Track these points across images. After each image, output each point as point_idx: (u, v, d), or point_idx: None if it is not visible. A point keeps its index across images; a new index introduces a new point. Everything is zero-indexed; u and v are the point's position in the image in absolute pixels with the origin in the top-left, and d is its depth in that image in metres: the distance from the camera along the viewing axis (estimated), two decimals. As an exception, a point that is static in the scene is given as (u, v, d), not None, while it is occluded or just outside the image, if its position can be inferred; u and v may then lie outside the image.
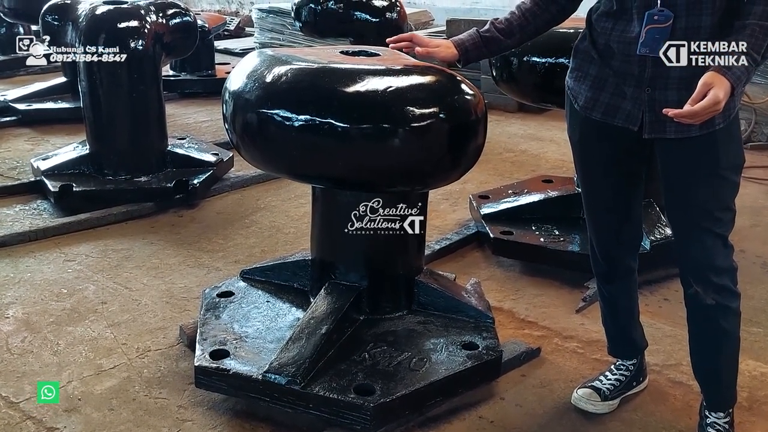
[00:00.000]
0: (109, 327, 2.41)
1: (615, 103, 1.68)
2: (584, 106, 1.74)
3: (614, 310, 2.04)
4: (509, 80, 2.87)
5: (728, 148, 1.64)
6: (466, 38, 1.84)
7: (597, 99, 1.71)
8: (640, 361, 2.09)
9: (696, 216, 1.68)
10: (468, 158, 1.98)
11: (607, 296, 2.02)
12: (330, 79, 1.78)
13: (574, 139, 1.85)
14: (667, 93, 1.60)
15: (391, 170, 1.89)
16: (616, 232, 1.91)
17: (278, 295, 2.35)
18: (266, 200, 3.58)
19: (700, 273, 1.71)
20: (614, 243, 1.93)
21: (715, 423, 1.83)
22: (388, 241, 2.16)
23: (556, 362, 2.28)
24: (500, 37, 1.82)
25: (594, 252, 1.98)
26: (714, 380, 1.83)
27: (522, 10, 1.81)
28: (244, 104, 1.88)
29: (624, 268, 1.97)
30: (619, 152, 1.77)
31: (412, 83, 1.85)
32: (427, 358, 2.03)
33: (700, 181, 1.65)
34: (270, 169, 2.04)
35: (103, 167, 3.49)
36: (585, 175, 1.89)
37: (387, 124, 1.81)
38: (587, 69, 1.73)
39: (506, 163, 4.16)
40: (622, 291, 2.00)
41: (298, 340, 2.00)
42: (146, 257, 2.94)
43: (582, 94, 1.75)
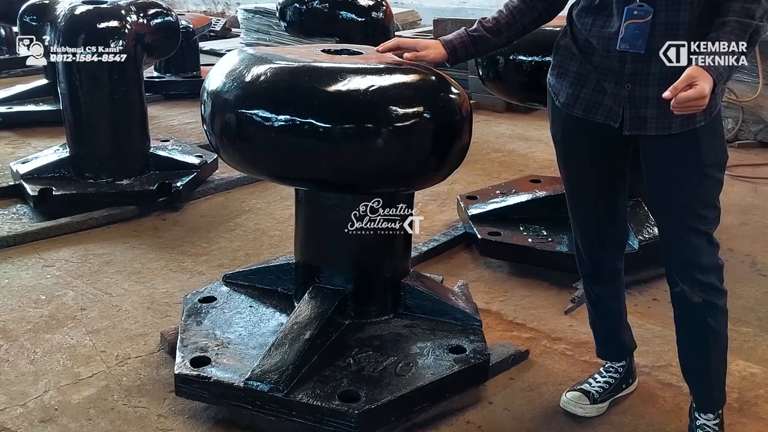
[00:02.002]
0: (88, 334, 2.36)
1: (596, 99, 1.66)
2: (565, 102, 1.72)
3: (602, 311, 2.01)
4: (496, 79, 2.84)
5: (711, 146, 1.62)
6: (454, 38, 1.81)
7: (578, 95, 1.69)
8: (629, 363, 2.06)
9: (681, 214, 1.66)
10: (453, 158, 1.94)
11: (594, 297, 1.99)
12: (310, 78, 1.74)
13: (557, 137, 1.83)
14: (648, 89, 1.58)
15: (374, 171, 1.85)
16: (600, 232, 1.88)
17: (262, 300, 2.30)
18: (251, 203, 3.53)
19: (686, 271, 1.69)
20: (599, 244, 1.90)
21: (705, 425, 1.80)
22: (373, 244, 2.13)
23: (544, 365, 2.25)
24: (488, 36, 1.79)
25: (579, 253, 1.95)
26: (703, 380, 1.81)
27: (509, 8, 1.79)
28: (222, 104, 1.83)
29: (610, 269, 1.94)
30: (602, 150, 1.75)
31: (395, 82, 1.81)
32: (413, 362, 1.99)
33: (684, 179, 1.64)
34: (250, 171, 2.00)
35: (84, 170, 3.43)
36: (568, 174, 1.86)
37: (370, 124, 1.77)
38: (568, 65, 1.71)
39: (494, 163, 4.13)
40: (609, 292, 1.97)
41: (281, 346, 1.95)
42: (128, 262, 2.88)
43: (563, 90, 1.72)
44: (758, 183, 3.73)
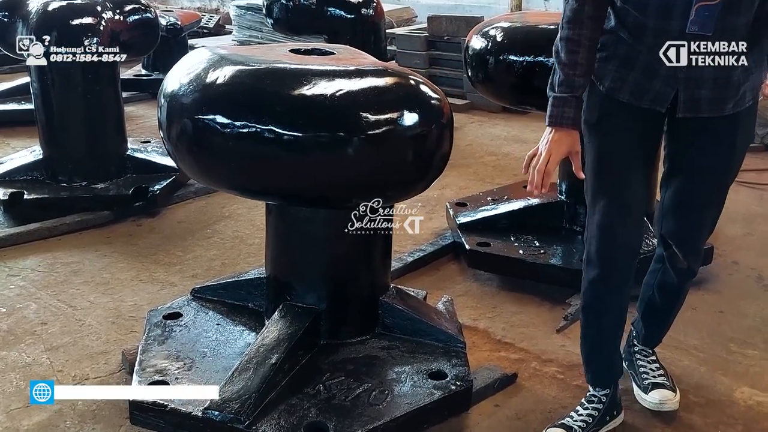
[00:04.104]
0: (46, 351, 2.21)
1: (644, 82, 1.60)
2: (611, 87, 1.64)
3: (599, 323, 1.85)
4: (485, 81, 2.68)
5: (748, 128, 1.69)
6: (577, 115, 1.62)
7: (625, 79, 1.62)
8: (614, 391, 1.90)
9: (710, 193, 1.73)
10: (432, 169, 1.78)
11: (593, 308, 1.84)
12: (272, 80, 1.59)
13: (590, 121, 1.69)
14: (704, 70, 1.54)
15: (343, 184, 1.70)
16: (624, 225, 1.73)
17: (231, 317, 2.15)
18: (231, 208, 3.38)
19: (688, 242, 1.80)
20: (623, 241, 1.74)
21: (643, 350, 2.04)
22: (349, 258, 1.98)
23: (533, 390, 2.09)
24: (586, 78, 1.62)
25: (591, 251, 1.77)
26: (660, 327, 2.01)
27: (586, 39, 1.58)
28: (179, 108, 1.67)
29: (623, 275, 1.78)
30: (642, 136, 1.70)
31: (367, 86, 1.66)
32: (389, 389, 1.84)
33: (720, 160, 1.68)
34: (209, 182, 1.85)
35: (57, 173, 3.29)
36: (598, 160, 1.71)
37: (339, 132, 1.61)
38: (614, 49, 1.62)
39: (488, 167, 3.96)
40: (613, 303, 1.82)
41: (244, 371, 1.80)
42: (97, 271, 2.73)
43: (608, 74, 1.64)
44: (764, 189, 3.56)
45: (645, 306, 1.99)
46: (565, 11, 1.59)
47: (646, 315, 2.00)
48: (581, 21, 1.56)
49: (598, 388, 1.89)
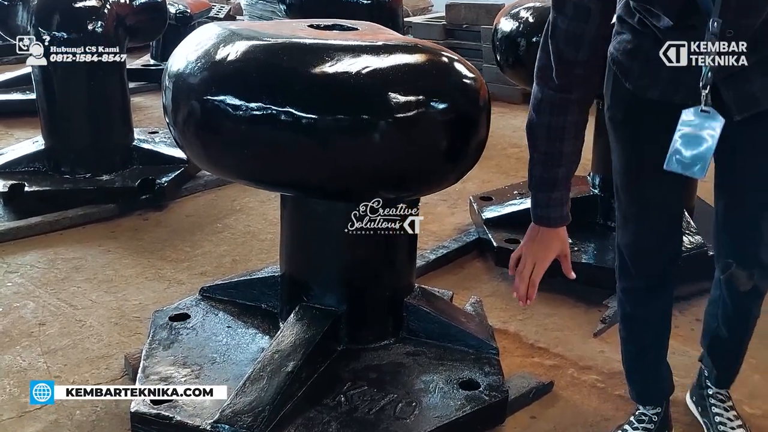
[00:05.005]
0: (43, 355, 2.05)
1: (677, 77, 1.35)
2: (639, 85, 1.41)
3: (641, 337, 1.68)
4: (515, 65, 2.51)
5: None
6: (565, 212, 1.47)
7: (657, 75, 1.37)
8: (666, 410, 1.73)
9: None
10: (467, 158, 1.60)
11: (634, 317, 1.66)
12: (290, 57, 1.41)
13: (615, 118, 1.50)
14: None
15: (369, 174, 1.52)
16: (662, 233, 1.56)
17: (243, 319, 1.99)
18: (243, 201, 3.22)
19: (751, 257, 1.51)
20: (655, 245, 1.58)
21: (718, 393, 1.75)
22: (371, 256, 1.80)
23: (572, 400, 1.92)
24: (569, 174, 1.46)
25: (625, 259, 1.61)
26: (732, 365, 1.73)
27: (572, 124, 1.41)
28: (186, 89, 1.50)
29: (664, 283, 1.62)
30: (672, 133, 1.42)
31: (396, 63, 1.48)
32: (416, 401, 1.67)
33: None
34: (218, 171, 1.67)
35: (60, 164, 3.13)
36: (626, 159, 1.53)
37: (363, 115, 1.43)
38: (638, 42, 1.39)
39: (511, 160, 3.80)
40: (654, 311, 1.66)
41: (258, 380, 1.63)
42: (99, 268, 2.57)
43: (635, 69, 1.40)
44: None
45: (710, 340, 1.73)
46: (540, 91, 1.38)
47: (714, 351, 1.75)
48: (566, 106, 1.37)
49: (648, 406, 1.72)
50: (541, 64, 1.38)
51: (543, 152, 1.41)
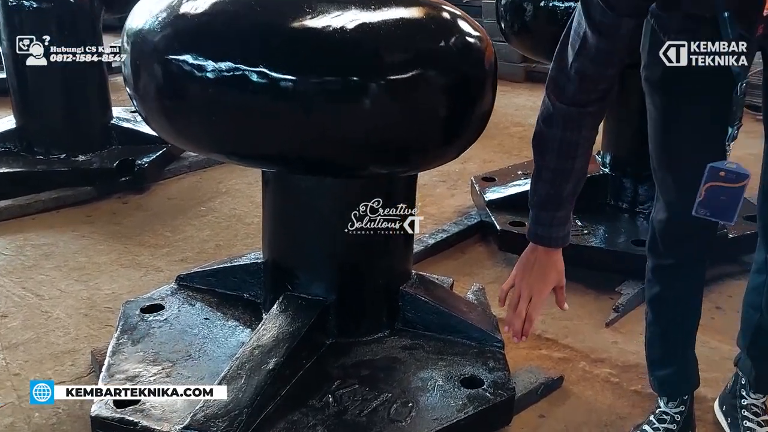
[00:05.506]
0: (3, 350, 1.87)
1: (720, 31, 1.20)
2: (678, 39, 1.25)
3: (668, 317, 1.56)
4: (521, 32, 2.32)
5: None
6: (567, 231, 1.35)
7: (696, 30, 1.22)
8: (690, 407, 1.59)
9: None
10: (470, 128, 1.42)
11: (662, 298, 1.54)
12: (264, 8, 1.21)
13: (652, 78, 1.39)
14: None
15: (358, 144, 1.33)
16: (691, 199, 1.39)
17: (222, 310, 1.81)
18: (229, 183, 3.04)
19: None
20: (690, 218, 1.39)
21: (754, 404, 1.57)
22: (363, 240, 1.62)
23: (583, 396, 1.76)
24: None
25: (655, 236, 1.50)
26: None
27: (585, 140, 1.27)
28: (147, 50, 1.31)
29: (696, 259, 1.50)
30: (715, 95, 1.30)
31: (390, 17, 1.29)
32: (413, 401, 1.50)
33: None
34: (185, 143, 1.49)
35: (33, 144, 2.96)
36: (663, 124, 1.40)
37: (352, 76, 1.24)
38: None
39: (513, 139, 3.66)
40: (685, 292, 1.54)
41: (235, 378, 1.45)
42: (71, 255, 2.40)
43: (674, 25, 1.28)
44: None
45: (753, 335, 1.54)
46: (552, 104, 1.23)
47: (757, 348, 1.56)
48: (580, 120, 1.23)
49: (670, 403, 1.57)
50: (554, 74, 1.23)
51: (552, 168, 1.27)
